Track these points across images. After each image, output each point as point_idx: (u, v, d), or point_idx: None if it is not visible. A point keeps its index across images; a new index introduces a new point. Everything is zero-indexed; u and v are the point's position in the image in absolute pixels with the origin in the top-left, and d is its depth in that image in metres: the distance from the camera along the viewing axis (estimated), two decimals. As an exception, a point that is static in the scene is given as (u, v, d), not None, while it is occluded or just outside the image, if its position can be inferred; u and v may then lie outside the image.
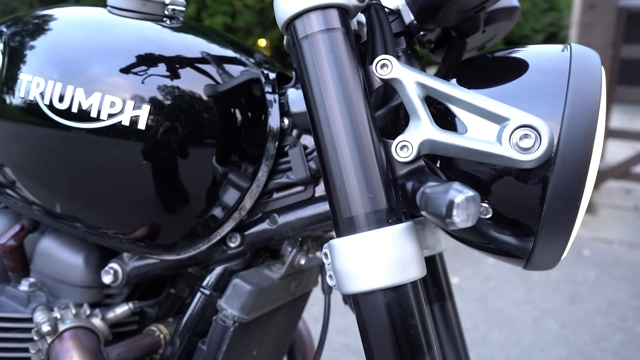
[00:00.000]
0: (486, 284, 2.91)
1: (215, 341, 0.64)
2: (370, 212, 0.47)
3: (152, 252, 0.67)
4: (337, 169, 0.48)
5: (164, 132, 0.58)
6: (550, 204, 0.47)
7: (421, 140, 0.50)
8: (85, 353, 0.60)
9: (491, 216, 0.51)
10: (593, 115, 0.47)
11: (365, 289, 0.47)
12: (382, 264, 0.46)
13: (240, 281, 0.64)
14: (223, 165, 0.62)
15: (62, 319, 0.64)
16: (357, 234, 0.47)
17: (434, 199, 0.41)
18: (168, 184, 0.61)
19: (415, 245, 0.49)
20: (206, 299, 0.67)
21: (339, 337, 2.29)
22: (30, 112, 0.61)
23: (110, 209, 0.64)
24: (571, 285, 2.92)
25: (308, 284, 0.76)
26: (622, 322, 2.53)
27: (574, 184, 0.46)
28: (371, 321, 0.47)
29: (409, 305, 0.47)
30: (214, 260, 0.68)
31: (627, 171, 4.57)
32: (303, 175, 0.63)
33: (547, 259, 0.52)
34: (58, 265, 0.71)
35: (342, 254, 0.48)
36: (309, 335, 1.01)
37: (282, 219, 0.65)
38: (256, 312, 0.65)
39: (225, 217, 0.65)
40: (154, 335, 0.71)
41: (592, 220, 4.12)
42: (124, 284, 0.70)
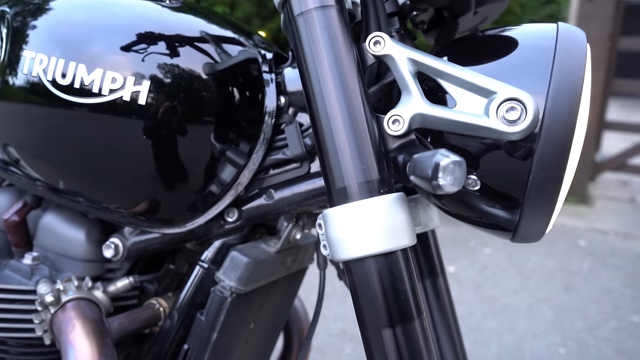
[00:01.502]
0: (482, 273, 2.94)
1: (213, 311, 0.66)
2: (362, 182, 0.49)
3: (152, 225, 0.69)
4: (331, 141, 0.50)
5: (163, 108, 0.60)
6: (536, 174, 0.49)
7: (412, 114, 0.51)
8: (87, 322, 0.62)
9: (479, 188, 0.53)
10: (577, 89, 0.49)
11: (357, 256, 0.49)
12: (374, 232, 0.48)
13: (238, 253, 0.66)
14: (221, 142, 0.64)
15: (65, 290, 0.66)
16: (350, 203, 0.49)
17: (421, 162, 0.43)
18: (167, 160, 0.63)
19: (406, 215, 0.51)
20: (204, 272, 0.69)
21: (336, 324, 2.32)
22: (33, 88, 0.63)
23: (111, 184, 0.66)
24: (566, 275, 2.95)
25: (304, 260, 0.78)
26: (616, 310, 2.56)
27: (558, 156, 0.48)
28: (363, 287, 0.49)
29: (399, 271, 0.49)
30: (212, 234, 0.70)
31: (623, 163, 4.59)
32: (299, 151, 0.65)
33: (533, 230, 0.54)
34: (60, 240, 0.73)
35: (335, 222, 0.50)
36: (305, 313, 1.03)
37: (278, 194, 0.67)
38: (253, 284, 0.67)
39: (223, 192, 0.66)
40: (153, 308, 0.73)
41: (588, 211, 4.15)
42: (124, 259, 0.72)
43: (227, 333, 0.69)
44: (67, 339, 0.60)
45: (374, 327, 0.49)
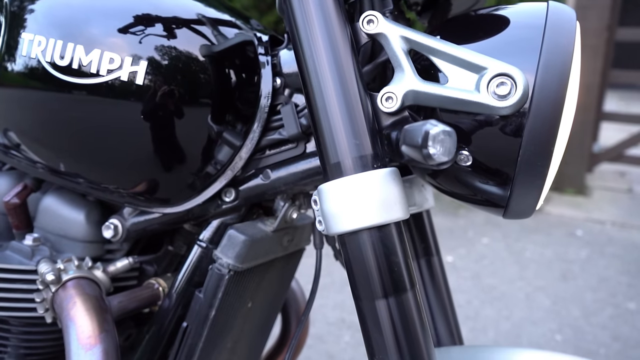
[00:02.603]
0: (480, 262, 2.96)
1: (211, 289, 0.68)
2: (356, 157, 0.51)
3: (151, 205, 0.70)
4: (325, 117, 0.51)
5: (161, 88, 0.61)
6: (526, 149, 0.50)
7: (405, 91, 0.53)
8: (87, 299, 0.63)
9: (471, 164, 0.54)
10: (566, 66, 0.50)
11: (351, 229, 0.50)
12: (367, 205, 0.50)
13: (235, 232, 0.67)
14: (218, 123, 0.65)
15: (65, 269, 0.68)
16: (344, 178, 0.50)
17: (411, 131, 0.44)
18: (165, 140, 0.64)
19: (399, 189, 0.52)
20: (203, 251, 0.71)
21: (335, 312, 2.33)
22: (32, 70, 0.64)
23: (110, 165, 0.67)
24: (563, 264, 2.97)
25: (301, 241, 0.79)
26: (612, 297, 2.58)
27: (547, 130, 0.49)
28: (357, 259, 0.50)
29: (392, 244, 0.50)
30: (209, 214, 0.71)
31: (621, 154, 4.61)
32: (294, 131, 0.66)
33: (524, 205, 0.55)
34: (60, 221, 0.74)
35: (329, 196, 0.51)
36: (302, 296, 1.04)
37: (274, 174, 0.68)
38: (250, 261, 0.68)
39: (220, 172, 0.68)
40: (153, 287, 0.74)
41: (586, 202, 4.17)
42: (123, 239, 0.73)
43: (226, 310, 0.70)
44: (68, 315, 0.61)
45: (368, 298, 0.50)
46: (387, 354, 0.50)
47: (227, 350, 0.75)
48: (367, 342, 0.51)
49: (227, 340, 0.74)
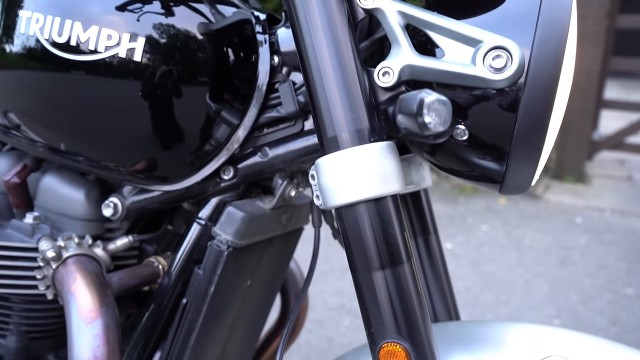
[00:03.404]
0: (479, 249, 2.97)
1: (210, 265, 0.68)
2: (352, 131, 0.51)
3: (150, 183, 0.70)
4: (322, 92, 0.51)
5: (158, 66, 0.61)
6: (522, 122, 0.51)
7: (402, 65, 0.53)
8: (88, 275, 0.64)
9: (467, 138, 0.54)
10: (562, 39, 0.50)
11: (348, 201, 0.50)
12: (364, 178, 0.50)
13: (234, 208, 0.68)
14: (216, 101, 0.66)
15: (66, 247, 0.68)
16: (341, 151, 0.51)
17: (406, 99, 0.44)
18: (163, 118, 0.64)
19: (396, 163, 0.52)
20: (202, 228, 0.71)
21: (335, 298, 2.35)
22: (30, 48, 0.64)
23: (109, 142, 0.67)
24: (562, 250, 2.98)
25: (299, 220, 0.79)
26: (610, 283, 2.59)
27: (543, 103, 0.50)
28: (354, 232, 0.51)
29: (389, 216, 0.51)
30: (208, 192, 0.71)
31: (620, 142, 4.60)
32: (292, 109, 0.66)
33: (519, 179, 0.55)
34: (60, 200, 0.75)
35: (326, 170, 0.51)
36: (301, 277, 1.05)
37: (272, 152, 0.68)
38: (249, 238, 0.69)
39: (218, 150, 0.68)
40: (152, 265, 0.75)
41: (585, 189, 4.18)
42: (123, 218, 0.73)
43: (225, 287, 0.71)
44: (69, 290, 0.62)
45: (365, 270, 0.51)
46: (383, 325, 0.51)
47: (226, 328, 0.76)
48: (364, 313, 0.52)
49: (227, 318, 0.75)
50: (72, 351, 0.58)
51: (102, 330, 0.59)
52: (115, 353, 0.59)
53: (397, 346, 0.50)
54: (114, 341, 0.59)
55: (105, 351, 0.58)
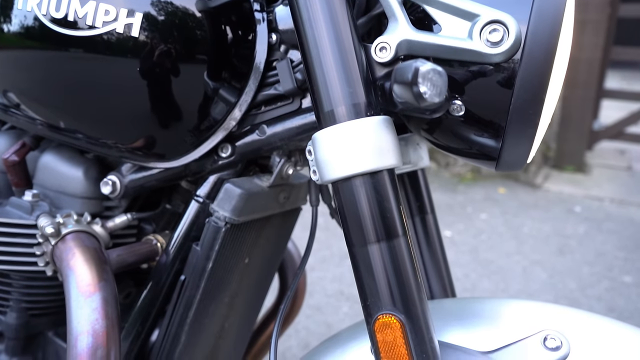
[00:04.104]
0: (478, 237, 2.98)
1: (208, 241, 0.69)
2: (349, 105, 0.51)
3: (148, 160, 0.71)
4: (320, 67, 0.52)
5: (156, 42, 0.61)
6: (518, 97, 0.51)
7: (399, 40, 0.53)
8: (86, 251, 0.65)
9: (464, 114, 0.55)
10: (559, 13, 0.50)
11: (344, 175, 0.51)
12: (360, 151, 0.50)
13: (231, 185, 0.68)
14: (214, 78, 0.66)
15: (65, 224, 0.69)
16: (337, 125, 0.51)
17: (401, 68, 0.44)
18: (161, 94, 0.64)
19: (392, 137, 0.52)
20: (200, 206, 0.72)
21: (333, 285, 2.36)
22: (28, 24, 0.64)
23: (108, 119, 0.67)
24: (561, 239, 2.99)
25: (297, 200, 0.80)
26: (609, 271, 2.60)
27: (539, 77, 0.50)
28: (349, 206, 0.51)
29: (385, 190, 0.51)
30: (206, 170, 0.72)
31: (621, 131, 4.59)
32: (290, 86, 0.66)
33: (515, 156, 0.56)
34: (59, 177, 0.75)
35: (323, 144, 0.52)
36: (300, 258, 1.06)
37: (270, 129, 0.68)
38: (246, 215, 0.69)
39: (216, 128, 0.68)
40: (151, 243, 0.75)
41: (585, 179, 4.18)
42: (121, 196, 0.74)
43: (223, 264, 0.71)
44: (68, 265, 0.63)
45: (360, 243, 0.51)
46: (379, 298, 0.51)
47: (224, 305, 0.77)
48: (360, 286, 0.53)
49: (225, 295, 0.76)
50: (70, 324, 0.58)
51: (101, 304, 0.59)
52: (114, 327, 0.60)
53: (392, 318, 0.51)
54: (112, 315, 0.60)
55: (104, 324, 0.58)
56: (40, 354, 0.79)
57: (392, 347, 0.51)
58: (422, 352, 0.51)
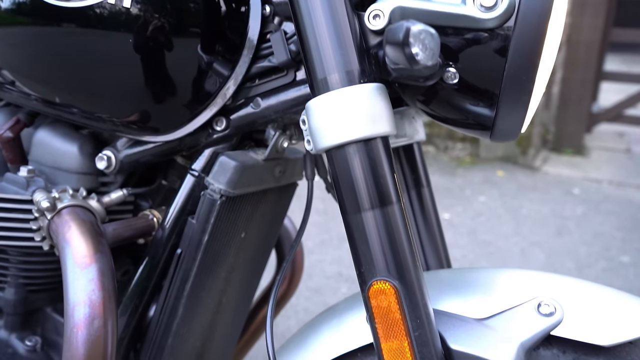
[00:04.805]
0: (476, 219, 2.99)
1: (204, 214, 0.69)
2: (342, 72, 0.51)
3: (143, 133, 0.70)
4: (313, 35, 0.52)
5: (149, 15, 0.61)
6: (512, 63, 0.51)
7: (392, 7, 0.53)
8: (83, 224, 0.65)
9: (458, 81, 0.54)
10: (553, -24, 0.49)
11: (338, 142, 0.51)
12: (354, 119, 0.50)
13: (226, 158, 0.68)
14: (207, 51, 0.65)
15: (60, 198, 0.69)
16: (330, 92, 0.51)
17: (393, 28, 0.44)
18: (154, 67, 0.64)
19: (386, 104, 0.52)
20: (195, 180, 0.72)
21: (332, 267, 2.37)
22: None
23: (101, 93, 0.67)
24: (559, 220, 3.00)
25: (293, 174, 0.80)
26: (606, 251, 2.62)
27: (533, 43, 0.50)
28: (344, 173, 0.51)
29: (378, 157, 0.51)
30: (201, 144, 0.72)
31: (620, 114, 4.58)
32: (284, 58, 0.66)
33: (509, 124, 0.55)
34: (54, 153, 0.75)
35: (317, 111, 0.52)
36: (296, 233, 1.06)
37: (264, 102, 0.68)
38: (242, 188, 0.69)
39: (210, 101, 0.68)
40: (147, 218, 0.75)
41: (583, 161, 4.18)
42: (117, 171, 0.74)
43: (219, 238, 0.72)
44: (64, 238, 0.63)
45: (354, 210, 0.51)
46: (373, 264, 0.51)
47: (221, 280, 0.77)
48: (354, 254, 0.53)
49: (222, 269, 0.76)
50: (67, 295, 0.59)
51: (97, 275, 0.60)
52: (111, 298, 0.60)
53: (386, 284, 0.51)
54: (109, 286, 0.60)
55: (101, 295, 0.59)
56: (39, 329, 0.80)
57: (387, 313, 0.52)
58: (417, 318, 0.52)
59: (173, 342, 0.74)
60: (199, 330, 0.79)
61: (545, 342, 0.55)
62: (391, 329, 0.52)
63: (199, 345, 0.81)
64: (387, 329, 0.52)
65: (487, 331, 0.55)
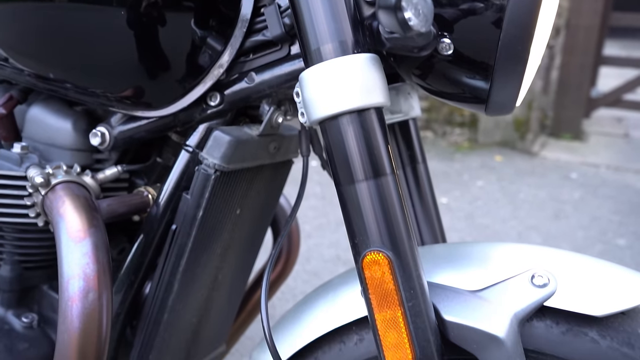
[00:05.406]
0: (474, 203, 2.99)
1: (198, 189, 0.69)
2: (336, 42, 0.51)
3: (137, 108, 0.70)
4: (306, 5, 0.51)
5: None
6: (506, 32, 0.50)
7: (386, -24, 0.52)
8: (77, 199, 0.64)
9: (453, 53, 0.54)
10: (548, -55, 0.49)
11: (331, 113, 0.50)
12: (347, 89, 0.50)
13: (220, 133, 0.68)
14: (200, 25, 0.65)
15: (54, 174, 0.68)
16: (324, 62, 0.50)
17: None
18: (148, 41, 0.63)
19: (380, 75, 0.52)
20: (190, 155, 0.71)
21: (330, 250, 2.38)
22: None
23: (95, 68, 0.67)
24: (556, 204, 3.00)
25: (288, 151, 0.80)
26: (603, 235, 2.62)
27: (528, 12, 0.49)
28: (337, 144, 0.51)
29: (372, 128, 0.51)
30: (195, 119, 0.71)
31: (618, 98, 4.58)
32: (278, 31, 0.65)
33: (504, 96, 0.55)
34: (48, 129, 0.75)
35: (310, 82, 0.51)
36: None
37: (259, 77, 0.68)
38: (236, 163, 0.69)
39: (204, 75, 0.67)
40: (142, 194, 0.75)
41: (582, 146, 4.18)
42: (111, 147, 0.73)
43: (214, 214, 0.71)
44: (58, 212, 0.63)
45: (348, 181, 0.51)
46: (367, 235, 0.51)
47: (217, 256, 0.77)
48: (348, 225, 0.53)
49: (217, 246, 0.76)
50: (61, 269, 0.59)
51: (91, 249, 0.59)
52: (105, 272, 0.60)
53: (380, 254, 0.51)
54: (103, 260, 0.60)
55: (95, 268, 0.59)
56: (35, 306, 0.80)
57: (380, 284, 0.52)
58: (410, 288, 0.52)
59: (169, 317, 0.74)
60: (195, 307, 0.79)
61: (538, 313, 0.56)
62: (385, 300, 0.52)
63: (195, 322, 0.81)
64: (381, 299, 0.52)
65: (480, 302, 0.55)
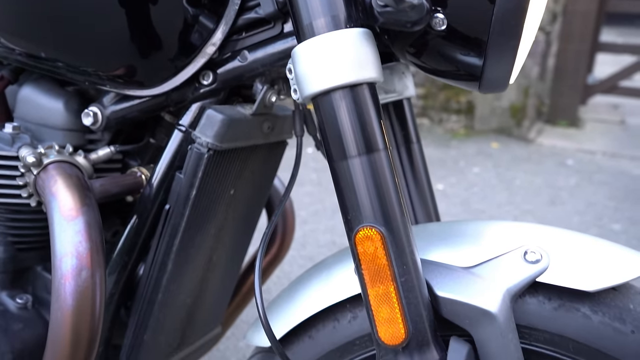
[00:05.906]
0: (470, 189, 3.00)
1: (191, 168, 0.68)
2: (328, 17, 0.51)
3: (129, 87, 0.69)
4: None
5: None
6: (500, 6, 0.50)
7: (378, -50, 0.51)
8: (69, 178, 0.64)
9: (446, 28, 0.54)
10: None
11: (324, 88, 0.50)
12: (340, 64, 0.50)
13: (213, 111, 0.67)
14: (192, 2, 0.64)
15: (47, 154, 0.68)
16: (316, 37, 0.50)
17: None
18: (140, 19, 0.63)
19: (373, 50, 0.52)
20: (183, 135, 0.71)
21: (326, 235, 2.38)
22: None
23: (86, 46, 0.66)
24: (552, 190, 3.01)
25: (282, 132, 0.79)
26: (598, 220, 2.64)
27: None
28: (330, 119, 0.51)
29: (365, 104, 0.51)
30: (188, 99, 0.71)
31: (615, 85, 4.58)
32: (271, 9, 0.65)
33: (498, 72, 0.55)
34: (39, 110, 0.74)
35: (302, 57, 0.51)
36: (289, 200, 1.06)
37: (251, 55, 0.67)
38: (229, 142, 0.69)
39: (196, 53, 0.67)
40: (135, 175, 0.75)
41: (578, 133, 4.19)
42: (103, 127, 0.73)
43: (207, 193, 0.71)
44: (50, 191, 0.62)
45: (341, 157, 0.51)
46: (360, 211, 0.51)
47: (211, 237, 0.77)
48: (341, 201, 0.53)
49: (211, 226, 0.76)
50: (54, 247, 0.58)
51: (84, 227, 0.59)
52: (98, 250, 0.60)
53: (373, 230, 0.51)
54: (96, 239, 0.60)
55: (88, 246, 0.58)
56: (30, 287, 0.80)
57: (373, 259, 0.52)
58: (403, 264, 0.52)
59: (163, 297, 0.74)
60: (189, 287, 0.79)
61: (531, 289, 0.56)
62: (377, 275, 0.52)
63: (190, 303, 0.82)
64: (374, 274, 0.52)
65: (473, 278, 0.55)
